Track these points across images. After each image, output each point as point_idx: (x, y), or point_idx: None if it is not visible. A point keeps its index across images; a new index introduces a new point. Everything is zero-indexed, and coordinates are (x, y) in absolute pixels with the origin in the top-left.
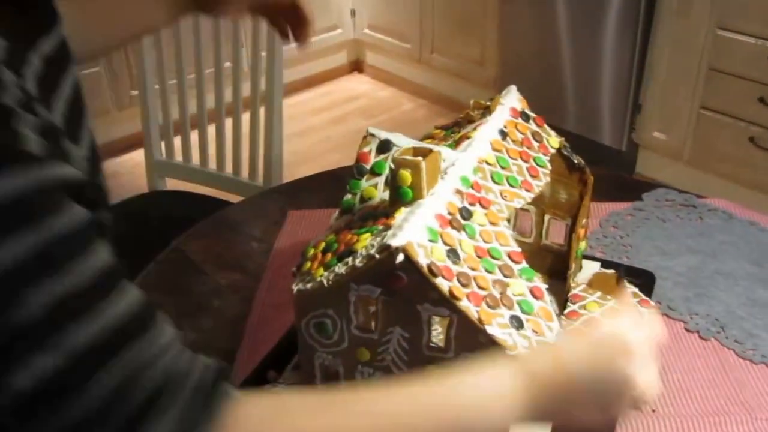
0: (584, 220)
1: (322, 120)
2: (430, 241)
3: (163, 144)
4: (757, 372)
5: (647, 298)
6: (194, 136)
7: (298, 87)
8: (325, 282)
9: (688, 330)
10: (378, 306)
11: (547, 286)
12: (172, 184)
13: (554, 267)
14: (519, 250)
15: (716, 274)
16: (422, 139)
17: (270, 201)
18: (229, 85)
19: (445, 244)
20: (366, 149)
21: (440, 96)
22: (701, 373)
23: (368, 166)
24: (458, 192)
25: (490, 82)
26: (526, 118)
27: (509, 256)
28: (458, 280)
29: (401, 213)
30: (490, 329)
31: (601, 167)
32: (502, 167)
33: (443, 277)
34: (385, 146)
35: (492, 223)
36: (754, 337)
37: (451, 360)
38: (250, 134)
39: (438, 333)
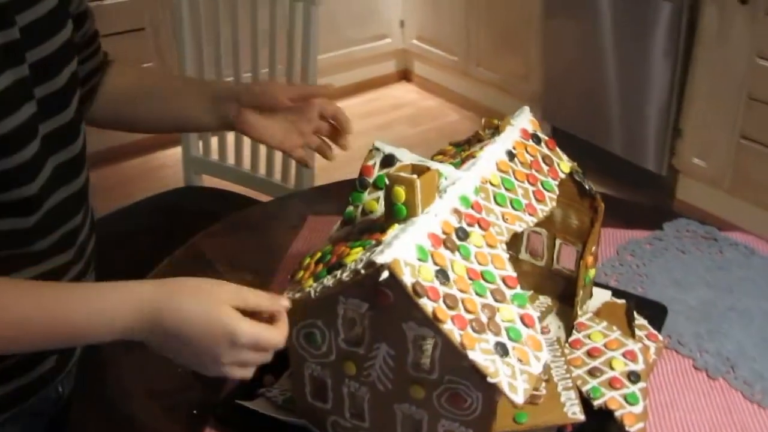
0: (593, 248)
1: (367, 125)
2: (419, 260)
3: (200, 142)
4: (764, 417)
5: (656, 332)
6: (230, 136)
7: (347, 92)
8: (312, 293)
9: (696, 368)
10: (365, 321)
11: (539, 314)
12: (209, 181)
13: (565, 292)
14: (514, 274)
15: (730, 310)
16: (435, 155)
17: (291, 205)
18: None
19: (435, 264)
20: (370, 162)
21: (485, 108)
22: (705, 413)
23: (371, 180)
24: (456, 212)
25: (534, 97)
26: (537, 140)
27: (503, 281)
28: (444, 301)
29: (393, 230)
30: (472, 354)
31: (635, 192)
32: (507, 189)
33: (428, 297)
34: (389, 161)
35: (489, 246)
36: (765, 380)
37: (436, 381)
38: None
39: (426, 353)
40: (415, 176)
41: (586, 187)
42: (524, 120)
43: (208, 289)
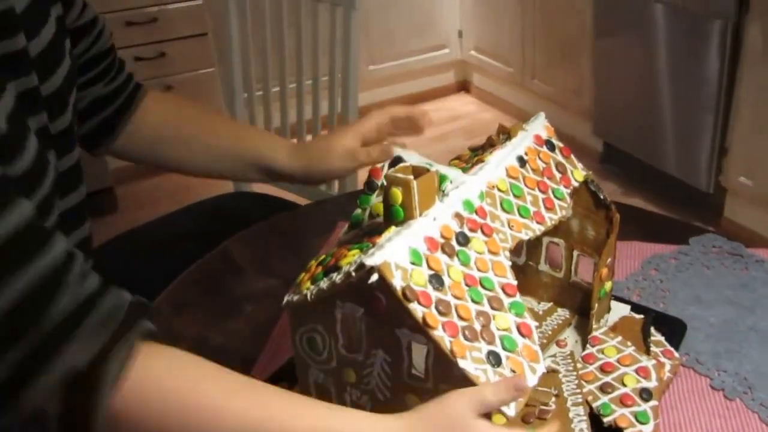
0: (609, 260)
1: (423, 137)
2: (412, 263)
3: None
4: None
5: (672, 349)
6: None
7: (407, 102)
8: (308, 296)
9: (712, 387)
10: (362, 327)
11: (537, 324)
12: (258, 187)
13: (584, 305)
14: (514, 282)
15: (752, 330)
16: (452, 160)
17: (323, 210)
18: (310, 102)
19: (430, 268)
20: (379, 164)
21: None
22: None
23: (380, 182)
24: (458, 216)
25: (586, 113)
26: (551, 147)
27: (502, 288)
28: (436, 307)
29: (389, 232)
30: (462, 363)
31: (684, 210)
32: (515, 195)
33: (419, 302)
34: (396, 163)
35: (492, 252)
36: None
37: (431, 391)
38: None
39: (420, 361)
40: (411, 177)
41: (601, 197)
42: (539, 126)
43: (451, 406)
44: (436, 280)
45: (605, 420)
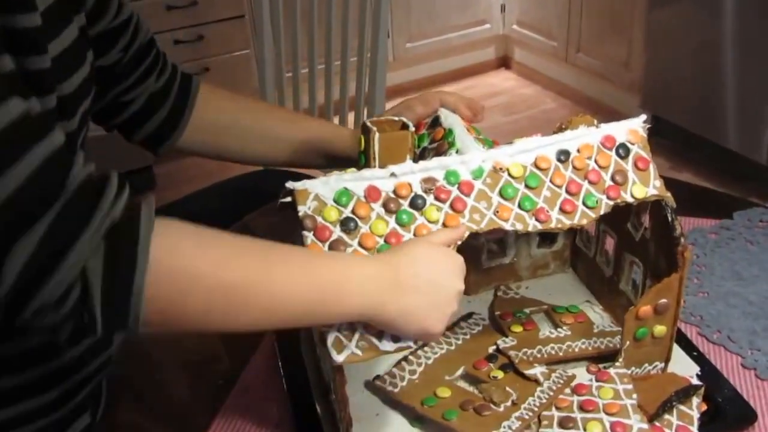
0: (662, 300)
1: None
2: (335, 201)
3: None
4: None
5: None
6: None
7: (445, 79)
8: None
9: (744, 366)
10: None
11: None
12: None
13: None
14: None
15: None
16: None
17: None
18: (337, 83)
19: (353, 212)
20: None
21: (583, 97)
22: None
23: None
24: (429, 181)
25: (634, 86)
26: (623, 153)
27: None
28: (330, 244)
29: (346, 172)
30: None
31: (736, 184)
32: (528, 186)
33: (313, 233)
34: (436, 121)
35: (446, 226)
36: None
37: None
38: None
39: None
40: (375, 129)
41: (670, 224)
42: (621, 127)
43: (409, 247)
44: (352, 223)
45: None
